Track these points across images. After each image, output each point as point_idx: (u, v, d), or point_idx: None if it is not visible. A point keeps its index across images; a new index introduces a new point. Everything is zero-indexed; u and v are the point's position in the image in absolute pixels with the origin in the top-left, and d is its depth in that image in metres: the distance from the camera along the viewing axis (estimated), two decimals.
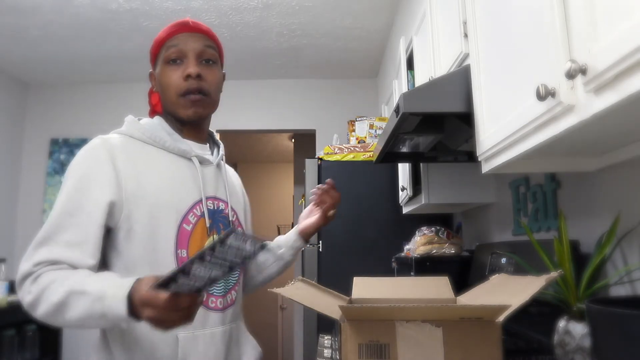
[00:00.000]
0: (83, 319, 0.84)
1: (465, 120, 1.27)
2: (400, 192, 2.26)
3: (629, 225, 0.98)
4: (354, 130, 2.87)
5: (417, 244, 1.88)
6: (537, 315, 1.11)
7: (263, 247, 0.78)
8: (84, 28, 3.16)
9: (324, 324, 2.36)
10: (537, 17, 0.81)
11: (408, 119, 1.31)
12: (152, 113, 1.16)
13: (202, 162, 1.08)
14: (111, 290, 0.82)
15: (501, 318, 0.76)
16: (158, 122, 1.08)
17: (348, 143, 2.87)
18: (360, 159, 2.56)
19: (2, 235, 3.86)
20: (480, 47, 1.14)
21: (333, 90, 4.06)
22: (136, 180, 0.97)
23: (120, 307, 0.79)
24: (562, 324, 0.86)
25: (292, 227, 1.31)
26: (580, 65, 0.65)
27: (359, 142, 2.79)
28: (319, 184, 2.56)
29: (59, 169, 4.06)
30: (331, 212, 1.24)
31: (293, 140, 5.35)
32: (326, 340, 1.61)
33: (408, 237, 2.04)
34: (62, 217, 0.92)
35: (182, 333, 0.95)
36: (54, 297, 0.85)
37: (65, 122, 4.14)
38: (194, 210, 1.02)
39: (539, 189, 1.40)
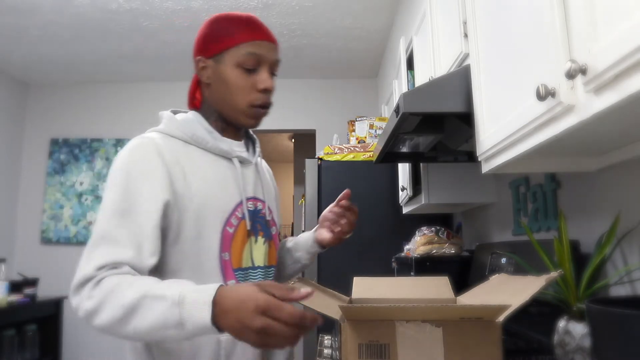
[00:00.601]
0: (154, 328, 0.75)
1: (465, 120, 1.27)
2: (400, 192, 2.26)
3: (629, 225, 0.98)
4: (354, 130, 2.87)
5: (417, 244, 1.88)
6: (537, 315, 1.11)
7: None
8: (84, 28, 3.16)
9: (324, 324, 2.36)
10: (537, 17, 0.81)
11: (408, 119, 1.31)
12: (192, 103, 1.09)
13: (242, 162, 1.06)
14: (192, 295, 0.74)
15: (501, 318, 0.76)
16: (195, 119, 1.03)
17: (348, 143, 2.87)
18: (360, 159, 2.56)
19: (2, 235, 3.86)
20: (480, 47, 1.14)
21: (333, 90, 4.06)
22: (184, 181, 0.94)
23: (203, 314, 0.71)
24: (562, 324, 0.86)
25: (292, 227, 1.30)
26: (580, 65, 0.65)
27: (359, 142, 2.79)
28: (319, 184, 2.58)
29: (59, 169, 4.06)
30: (347, 236, 1.17)
31: (293, 140, 5.36)
32: (326, 340, 1.60)
33: (408, 237, 2.04)
34: (117, 216, 0.87)
35: (224, 335, 0.91)
36: (122, 300, 0.77)
37: (65, 122, 4.15)
38: (236, 212, 1.00)
39: (539, 189, 1.40)
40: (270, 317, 0.68)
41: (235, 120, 1.03)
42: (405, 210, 2.31)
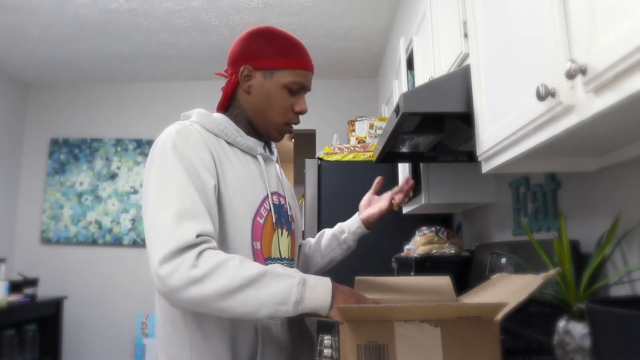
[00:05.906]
0: (267, 302, 0.83)
1: (465, 120, 1.27)
2: None
3: (629, 225, 0.98)
4: (354, 130, 2.87)
5: (417, 244, 1.88)
6: (537, 315, 1.11)
7: None
8: (83, 28, 3.16)
9: (324, 324, 2.36)
10: (537, 17, 0.81)
11: (408, 119, 1.31)
12: (223, 105, 1.12)
13: (265, 159, 1.12)
14: (312, 279, 0.87)
15: (499, 316, 0.75)
16: (224, 119, 1.08)
17: (348, 143, 2.86)
18: (360, 159, 2.55)
19: (2, 235, 3.86)
20: (480, 47, 1.14)
21: (333, 90, 4.05)
22: (220, 169, 0.99)
23: (326, 295, 0.86)
24: (562, 324, 0.86)
25: None
26: (580, 65, 0.65)
27: (359, 142, 2.79)
28: (319, 184, 2.58)
29: (59, 169, 4.06)
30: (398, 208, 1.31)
31: (293, 140, 5.36)
32: (326, 340, 1.60)
33: (408, 237, 2.04)
34: (191, 192, 0.89)
35: (259, 324, 0.98)
36: (242, 272, 0.83)
37: (65, 122, 4.14)
38: (264, 204, 1.05)
39: (539, 189, 1.40)
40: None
41: (264, 132, 1.11)
42: (405, 210, 2.31)
